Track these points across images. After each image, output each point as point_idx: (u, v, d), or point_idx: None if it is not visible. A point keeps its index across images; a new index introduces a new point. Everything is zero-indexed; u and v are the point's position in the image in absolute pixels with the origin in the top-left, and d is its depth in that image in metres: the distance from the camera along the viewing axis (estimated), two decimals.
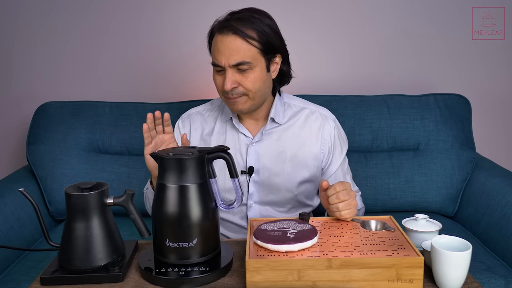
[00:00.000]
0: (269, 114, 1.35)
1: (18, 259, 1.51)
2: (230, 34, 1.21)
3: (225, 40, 1.22)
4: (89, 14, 2.03)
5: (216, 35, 1.25)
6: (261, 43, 1.24)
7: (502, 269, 1.38)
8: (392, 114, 1.81)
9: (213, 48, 1.26)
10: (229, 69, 1.23)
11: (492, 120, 2.14)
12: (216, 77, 1.28)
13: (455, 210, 1.78)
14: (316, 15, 2.03)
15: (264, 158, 1.35)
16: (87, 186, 0.99)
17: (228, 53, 1.21)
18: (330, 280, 0.91)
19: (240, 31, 1.21)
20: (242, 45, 1.21)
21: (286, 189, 1.36)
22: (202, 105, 1.48)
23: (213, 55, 1.26)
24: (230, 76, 1.23)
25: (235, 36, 1.21)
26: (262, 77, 1.26)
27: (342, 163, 1.41)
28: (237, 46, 1.21)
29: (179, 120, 1.46)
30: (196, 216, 0.97)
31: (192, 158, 0.98)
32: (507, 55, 2.08)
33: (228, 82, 1.23)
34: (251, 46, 1.22)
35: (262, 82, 1.27)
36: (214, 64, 1.26)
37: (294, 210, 1.40)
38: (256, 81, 1.25)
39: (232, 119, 1.37)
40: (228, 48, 1.21)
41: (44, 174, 1.78)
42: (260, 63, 1.25)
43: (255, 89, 1.26)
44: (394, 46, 2.06)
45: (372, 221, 1.09)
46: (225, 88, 1.23)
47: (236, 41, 1.21)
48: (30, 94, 2.09)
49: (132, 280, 0.98)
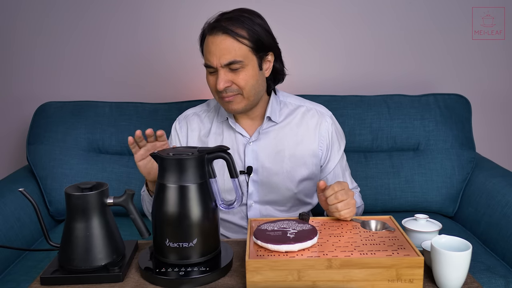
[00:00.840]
0: (265, 113, 1.35)
1: (18, 259, 1.51)
2: (220, 34, 1.22)
3: (215, 40, 1.22)
4: (89, 14, 2.03)
5: (207, 36, 1.25)
6: (251, 41, 1.24)
7: (502, 269, 1.38)
8: (392, 114, 1.81)
9: (205, 50, 1.26)
10: (221, 69, 1.23)
11: (492, 120, 2.14)
12: (209, 78, 1.28)
13: (455, 210, 1.78)
14: (316, 14, 2.03)
15: (262, 157, 1.35)
16: (87, 186, 0.99)
17: (219, 53, 1.22)
18: (330, 280, 0.91)
19: (230, 30, 1.21)
20: (233, 44, 1.22)
21: (285, 188, 1.36)
22: (199, 106, 1.48)
23: (205, 56, 1.26)
24: (223, 76, 1.23)
25: (225, 35, 1.21)
26: (255, 75, 1.27)
27: (340, 159, 1.41)
28: (228, 46, 1.21)
29: (175, 121, 1.45)
30: (196, 216, 0.97)
31: (192, 158, 0.98)
32: (507, 55, 2.09)
33: (220, 82, 1.23)
34: (241, 45, 1.22)
35: (255, 80, 1.27)
36: (207, 66, 1.26)
37: (294, 209, 1.40)
38: (248, 79, 1.25)
39: (228, 119, 1.37)
40: (219, 48, 1.22)
41: (44, 174, 1.78)
42: (251, 62, 1.25)
43: (248, 87, 1.26)
44: (394, 46, 2.06)
45: (372, 221, 1.09)
46: (218, 88, 1.23)
47: (226, 40, 1.21)
48: (30, 94, 2.09)
49: (132, 280, 0.98)
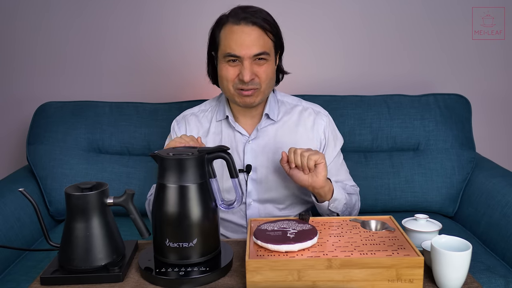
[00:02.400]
0: (263, 111, 1.36)
1: (18, 259, 1.51)
2: (250, 25, 1.22)
3: (245, 30, 1.22)
4: (89, 14, 2.03)
5: (230, 26, 1.24)
6: (275, 36, 1.27)
7: (502, 269, 1.38)
8: (392, 114, 1.81)
9: (228, 39, 1.24)
10: (247, 59, 1.23)
11: (492, 120, 2.14)
12: (228, 68, 1.26)
13: (455, 210, 1.78)
14: (317, 14, 2.03)
15: (261, 155, 1.35)
16: (87, 186, 0.99)
17: (249, 43, 1.22)
18: (330, 280, 0.91)
19: (259, 22, 1.23)
20: (263, 36, 1.24)
21: (284, 186, 1.36)
22: (196, 106, 1.47)
23: (228, 46, 1.24)
24: (249, 67, 1.23)
25: (256, 27, 1.23)
26: (273, 70, 1.30)
27: (335, 158, 1.41)
28: (258, 37, 1.23)
29: (174, 122, 1.45)
30: (196, 216, 0.97)
31: (192, 158, 0.98)
32: (507, 55, 2.08)
33: (248, 73, 1.22)
34: (269, 39, 1.25)
35: (273, 75, 1.30)
36: (230, 55, 1.24)
37: (293, 207, 1.40)
38: (269, 73, 1.27)
39: (228, 117, 1.36)
40: (250, 39, 1.22)
41: (44, 174, 1.78)
42: (273, 57, 1.29)
43: (267, 82, 1.28)
44: (394, 46, 2.06)
45: (372, 221, 1.09)
46: (245, 79, 1.22)
47: (256, 31, 1.23)
48: (30, 94, 2.09)
49: (132, 280, 0.98)
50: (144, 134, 1.82)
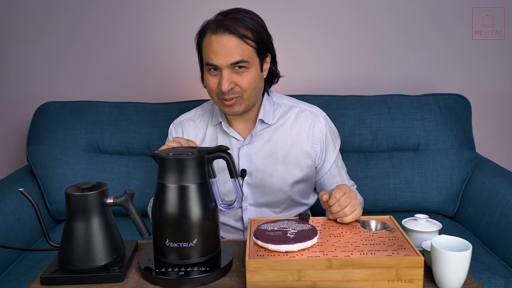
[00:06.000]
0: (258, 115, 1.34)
1: (18, 259, 1.51)
2: (226, 34, 1.20)
3: (221, 40, 1.20)
4: (89, 14, 2.03)
5: (209, 35, 1.22)
6: (256, 42, 1.23)
7: (502, 269, 1.38)
8: (392, 114, 1.81)
9: (207, 49, 1.23)
10: (225, 69, 1.21)
11: (492, 120, 2.14)
12: (209, 79, 1.25)
13: (455, 210, 1.78)
14: (317, 14, 2.03)
15: (256, 160, 1.35)
16: (87, 186, 0.99)
17: (225, 53, 1.20)
18: (330, 280, 0.91)
19: (236, 30, 1.20)
20: (240, 44, 1.21)
21: (279, 190, 1.35)
22: (193, 110, 1.47)
23: (207, 55, 1.23)
24: (228, 76, 1.21)
25: (232, 35, 1.20)
26: (257, 77, 1.26)
27: (336, 159, 1.40)
28: (235, 46, 1.20)
29: (171, 126, 1.45)
30: (196, 216, 0.97)
31: (192, 158, 0.98)
32: (507, 55, 2.08)
33: (226, 83, 1.21)
34: (248, 46, 1.22)
35: (257, 82, 1.26)
36: (209, 64, 1.23)
37: (290, 210, 1.40)
38: (251, 81, 1.24)
39: (222, 123, 1.35)
40: (226, 48, 1.20)
41: (44, 174, 1.78)
42: (255, 63, 1.25)
43: (250, 89, 1.24)
44: (394, 46, 2.06)
45: (372, 221, 1.09)
46: (223, 89, 1.21)
47: (233, 40, 1.20)
48: (30, 94, 2.09)
49: (132, 280, 0.98)
50: (144, 134, 1.82)
